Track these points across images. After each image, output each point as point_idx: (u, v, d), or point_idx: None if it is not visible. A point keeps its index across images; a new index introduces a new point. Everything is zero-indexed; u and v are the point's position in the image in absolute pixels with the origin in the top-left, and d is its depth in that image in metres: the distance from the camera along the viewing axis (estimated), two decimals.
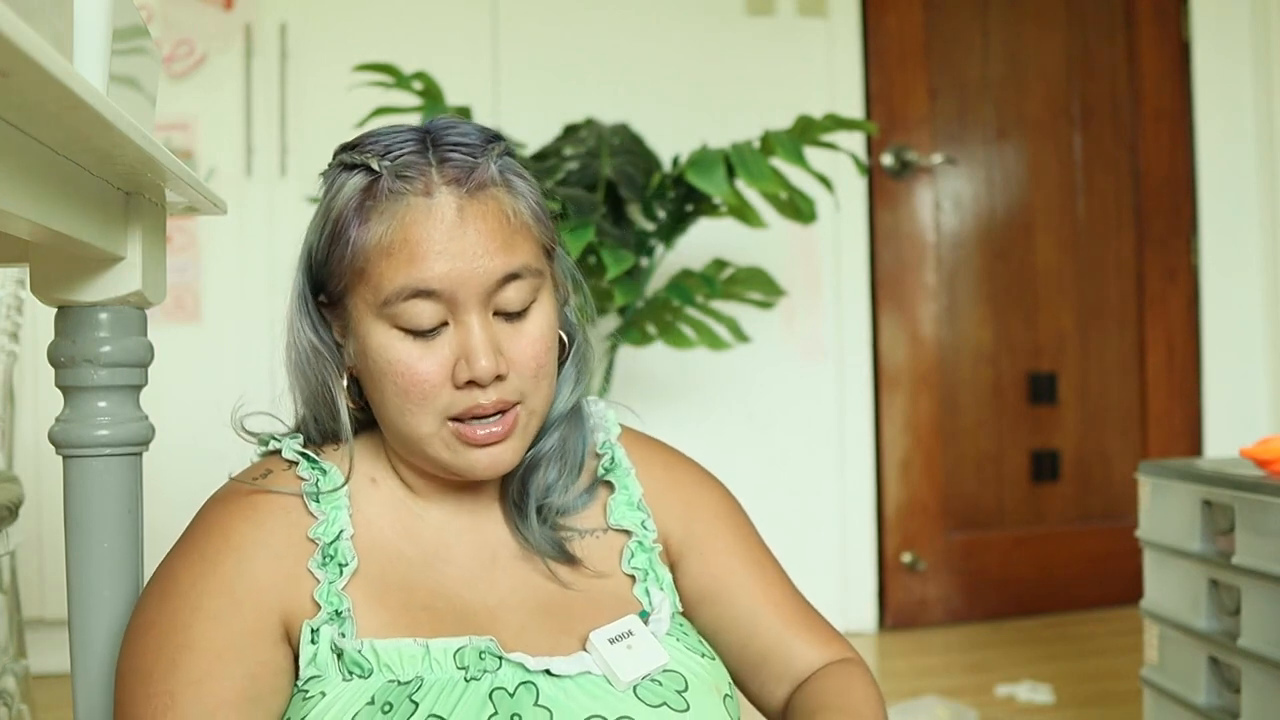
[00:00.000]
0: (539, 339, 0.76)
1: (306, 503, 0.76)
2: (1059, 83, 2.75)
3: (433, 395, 0.73)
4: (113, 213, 0.73)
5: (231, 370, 2.34)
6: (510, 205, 0.74)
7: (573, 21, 2.52)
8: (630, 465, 0.87)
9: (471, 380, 0.72)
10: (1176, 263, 2.81)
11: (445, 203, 0.72)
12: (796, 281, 2.56)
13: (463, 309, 0.73)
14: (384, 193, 0.72)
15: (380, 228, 0.72)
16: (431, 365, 0.73)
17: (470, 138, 0.75)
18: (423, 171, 0.72)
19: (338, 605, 0.72)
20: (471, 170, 0.73)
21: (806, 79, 2.60)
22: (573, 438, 0.85)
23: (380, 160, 0.73)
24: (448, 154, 0.73)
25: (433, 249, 0.71)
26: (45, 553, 2.17)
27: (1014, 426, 2.72)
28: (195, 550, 0.73)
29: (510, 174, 0.76)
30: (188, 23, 2.34)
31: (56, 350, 0.77)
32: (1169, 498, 1.48)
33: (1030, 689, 2.06)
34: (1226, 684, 1.38)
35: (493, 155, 0.75)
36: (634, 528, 0.84)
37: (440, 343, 0.73)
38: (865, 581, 2.62)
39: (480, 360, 0.72)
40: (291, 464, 0.79)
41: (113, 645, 0.77)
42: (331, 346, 0.78)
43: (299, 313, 0.78)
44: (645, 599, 0.82)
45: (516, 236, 0.74)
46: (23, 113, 0.51)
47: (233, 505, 0.75)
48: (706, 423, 2.52)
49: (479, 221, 0.72)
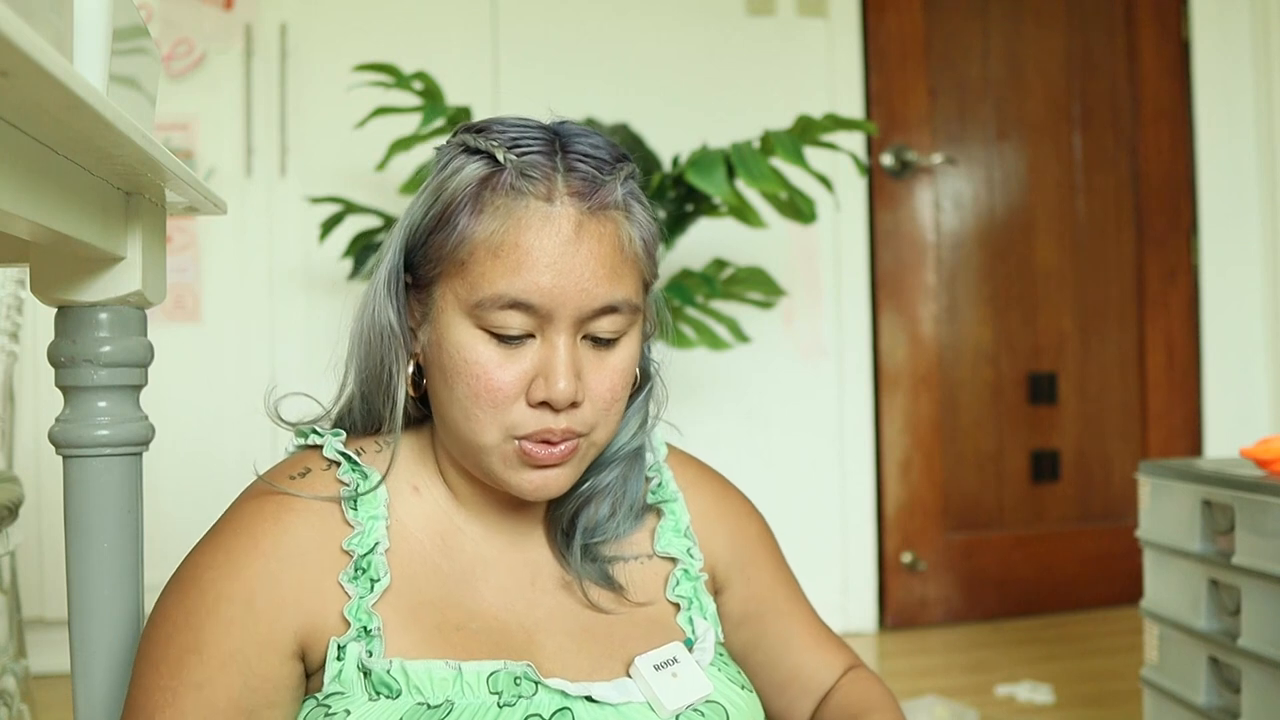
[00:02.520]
0: (620, 372, 0.73)
1: (344, 510, 0.73)
2: (1059, 83, 2.75)
3: (504, 405, 0.70)
4: (113, 213, 0.73)
5: (231, 370, 2.34)
6: (627, 232, 0.72)
7: (573, 21, 2.52)
8: (678, 490, 0.86)
9: (546, 401, 0.70)
10: (1176, 263, 2.81)
11: (565, 214, 0.69)
12: (796, 281, 2.56)
13: (554, 327, 0.70)
14: (505, 187, 0.69)
15: (494, 223, 0.69)
16: (510, 375, 0.70)
17: (600, 151, 0.72)
18: (548, 175, 0.69)
19: (366, 623, 0.70)
20: (598, 187, 0.70)
21: (806, 79, 2.60)
22: (633, 477, 0.82)
23: (506, 152, 0.70)
24: (576, 163, 0.70)
25: (542, 260, 0.68)
26: (45, 553, 2.17)
27: (1014, 426, 2.72)
28: (222, 549, 0.71)
29: (632, 199, 0.73)
30: (188, 22, 2.34)
31: (56, 350, 0.77)
32: (1169, 498, 1.48)
33: (1030, 689, 2.06)
34: (1226, 684, 1.38)
35: (620, 175, 0.72)
36: (680, 555, 0.82)
37: (523, 354, 0.70)
38: (865, 581, 2.62)
39: (560, 382, 0.69)
40: (332, 464, 0.76)
41: (113, 645, 0.77)
42: (406, 329, 0.75)
43: (385, 288, 0.74)
44: (689, 627, 0.80)
45: (625, 267, 0.71)
46: (23, 113, 0.51)
47: (266, 507, 0.72)
48: (707, 423, 2.52)
49: (594, 243, 0.69)
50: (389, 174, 2.14)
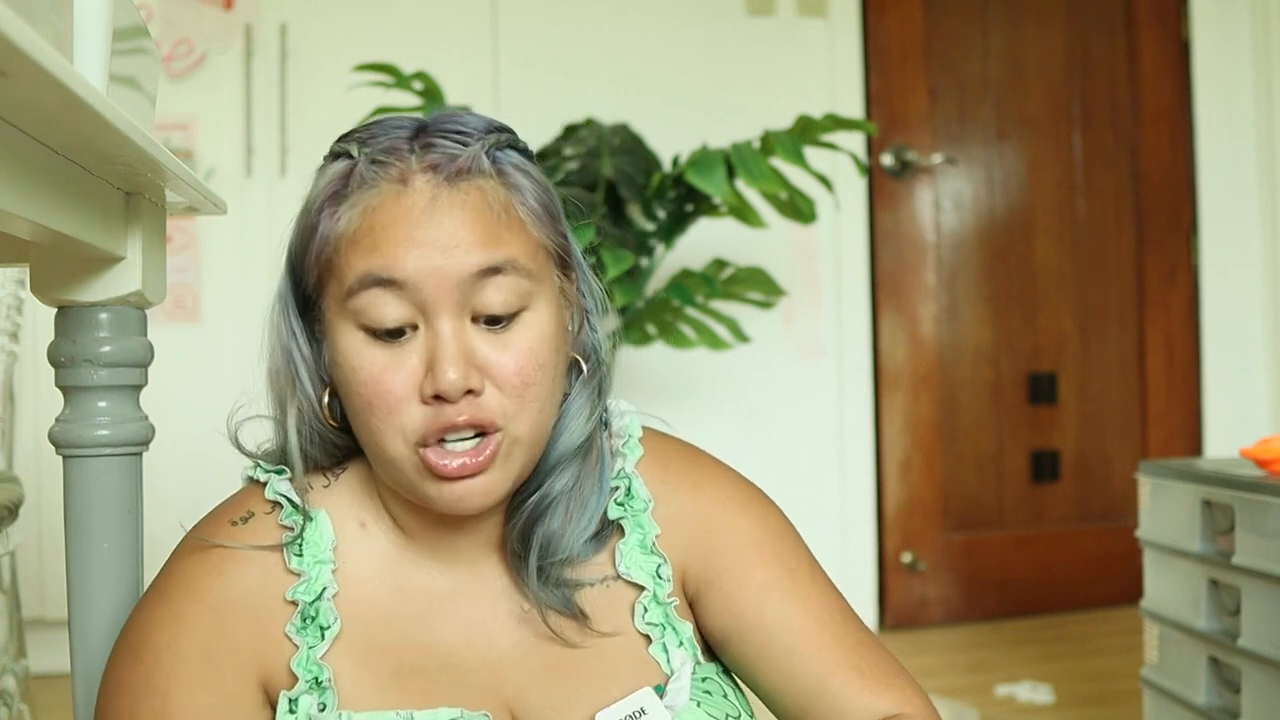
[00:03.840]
0: (526, 351, 0.65)
1: (287, 558, 0.69)
2: (1059, 83, 2.75)
3: (396, 409, 0.64)
4: (113, 213, 0.73)
5: (231, 370, 2.34)
6: (501, 197, 0.66)
7: (573, 21, 2.52)
8: (648, 499, 0.75)
9: (438, 395, 0.63)
10: (1176, 263, 2.81)
11: (419, 190, 0.64)
12: (796, 281, 2.56)
13: (433, 311, 0.64)
14: (357, 180, 0.65)
15: (350, 217, 0.65)
16: (398, 376, 0.64)
17: (465, 126, 0.67)
18: (401, 158, 0.65)
19: (317, 674, 0.66)
20: (454, 158, 0.65)
21: (806, 79, 2.60)
22: (588, 480, 0.73)
23: (361, 147, 0.67)
24: (434, 140, 0.66)
25: (398, 235, 0.63)
26: (45, 553, 2.17)
27: (1014, 426, 2.72)
28: (166, 607, 0.67)
29: (509, 166, 0.68)
30: (188, 22, 2.34)
31: (56, 350, 0.77)
32: (1169, 498, 1.48)
33: (1030, 689, 2.06)
34: (1226, 684, 1.38)
35: (486, 143, 0.67)
36: (646, 581, 0.73)
37: (409, 350, 0.64)
38: (865, 581, 2.62)
39: (448, 372, 0.62)
40: (275, 505, 0.71)
41: (112, 645, 0.77)
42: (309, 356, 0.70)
43: (279, 315, 0.71)
44: (663, 657, 0.72)
45: (503, 229, 0.65)
46: (23, 113, 0.51)
47: (209, 559, 0.68)
48: (706, 423, 2.52)
49: (456, 210, 0.64)
50: None
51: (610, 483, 0.75)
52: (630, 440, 0.77)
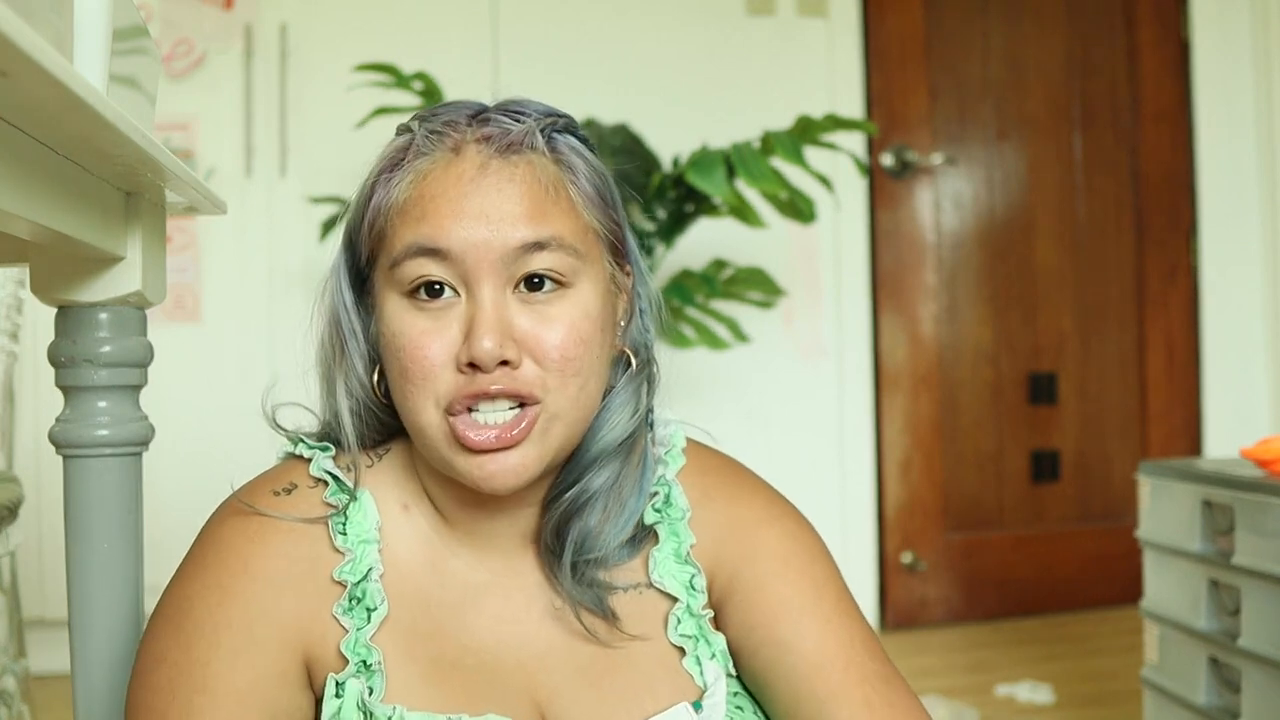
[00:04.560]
0: (568, 326, 0.65)
1: (332, 535, 0.68)
2: (1059, 83, 2.75)
3: (433, 377, 0.63)
4: (113, 213, 0.73)
5: (231, 370, 2.34)
6: (551, 174, 0.66)
7: (573, 21, 2.52)
8: (686, 508, 0.75)
9: (472, 362, 0.62)
10: (1176, 263, 2.81)
11: (469, 159, 0.65)
12: (796, 281, 2.56)
13: (476, 280, 0.63)
14: (413, 151, 0.67)
15: (403, 188, 0.65)
16: (436, 342, 0.64)
17: (526, 108, 0.68)
18: (457, 129, 0.66)
19: (366, 657, 0.65)
20: (508, 131, 0.66)
21: (806, 79, 2.60)
22: (629, 479, 0.71)
23: (422, 124, 0.68)
24: (490, 117, 0.67)
25: (445, 204, 0.64)
26: (45, 553, 2.17)
27: (1014, 426, 2.72)
28: (209, 575, 0.65)
29: (564, 146, 0.68)
30: (188, 22, 2.34)
31: (56, 350, 0.77)
32: (1169, 498, 1.48)
33: (1030, 689, 2.06)
34: (1226, 684, 1.38)
35: (543, 122, 0.67)
36: (680, 592, 0.72)
37: (450, 318, 0.64)
38: (865, 581, 2.62)
39: (483, 340, 0.62)
40: (319, 482, 0.70)
41: (113, 645, 0.77)
42: (360, 330, 0.70)
43: (333, 288, 0.71)
44: (696, 670, 0.71)
45: (552, 206, 0.65)
46: (23, 113, 0.51)
47: (249, 527, 0.67)
48: (706, 423, 2.52)
49: (506, 183, 0.64)
50: None
51: (650, 488, 0.74)
52: (673, 449, 0.77)
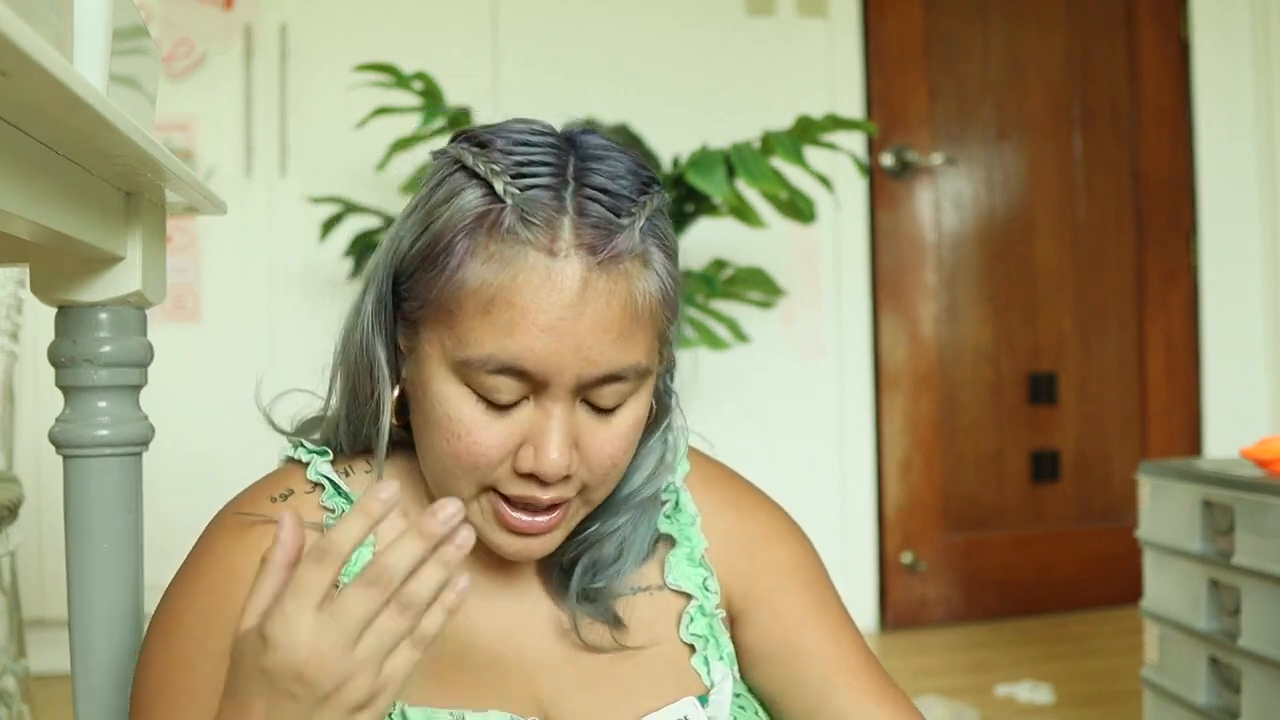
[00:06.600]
0: (625, 435, 0.65)
1: None
2: (1059, 83, 2.75)
3: (484, 468, 0.63)
4: (113, 213, 0.73)
5: (231, 370, 2.34)
6: (643, 286, 0.63)
7: (573, 21, 2.52)
8: (695, 513, 0.77)
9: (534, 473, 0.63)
10: (1176, 263, 2.81)
11: (570, 271, 0.60)
12: (796, 281, 2.56)
13: (549, 393, 0.62)
14: (502, 231, 0.60)
15: (486, 273, 0.60)
16: (495, 438, 0.63)
17: (620, 183, 0.63)
18: (552, 220, 0.60)
19: None
20: (611, 235, 0.61)
21: (806, 79, 2.60)
22: (644, 525, 0.73)
23: (508, 184, 0.61)
24: (588, 202, 0.61)
25: (539, 322, 0.60)
26: (45, 553, 2.17)
27: (1014, 426, 2.72)
28: (200, 581, 0.66)
29: (652, 241, 0.64)
30: (188, 23, 2.34)
31: (56, 350, 0.77)
32: (1169, 498, 1.48)
33: (1030, 689, 2.06)
34: (1226, 684, 1.38)
35: (641, 215, 0.63)
36: (694, 590, 0.74)
37: (513, 419, 0.63)
38: (865, 581, 2.62)
39: (551, 453, 0.62)
40: (316, 486, 0.70)
41: (113, 645, 0.77)
42: (392, 356, 0.68)
43: (372, 315, 0.68)
44: (704, 670, 0.72)
45: (637, 328, 0.63)
46: (23, 113, 0.51)
47: (248, 537, 0.67)
48: (706, 423, 2.51)
49: (602, 304, 0.61)
50: (389, 174, 2.14)
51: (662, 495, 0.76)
52: (679, 455, 0.78)
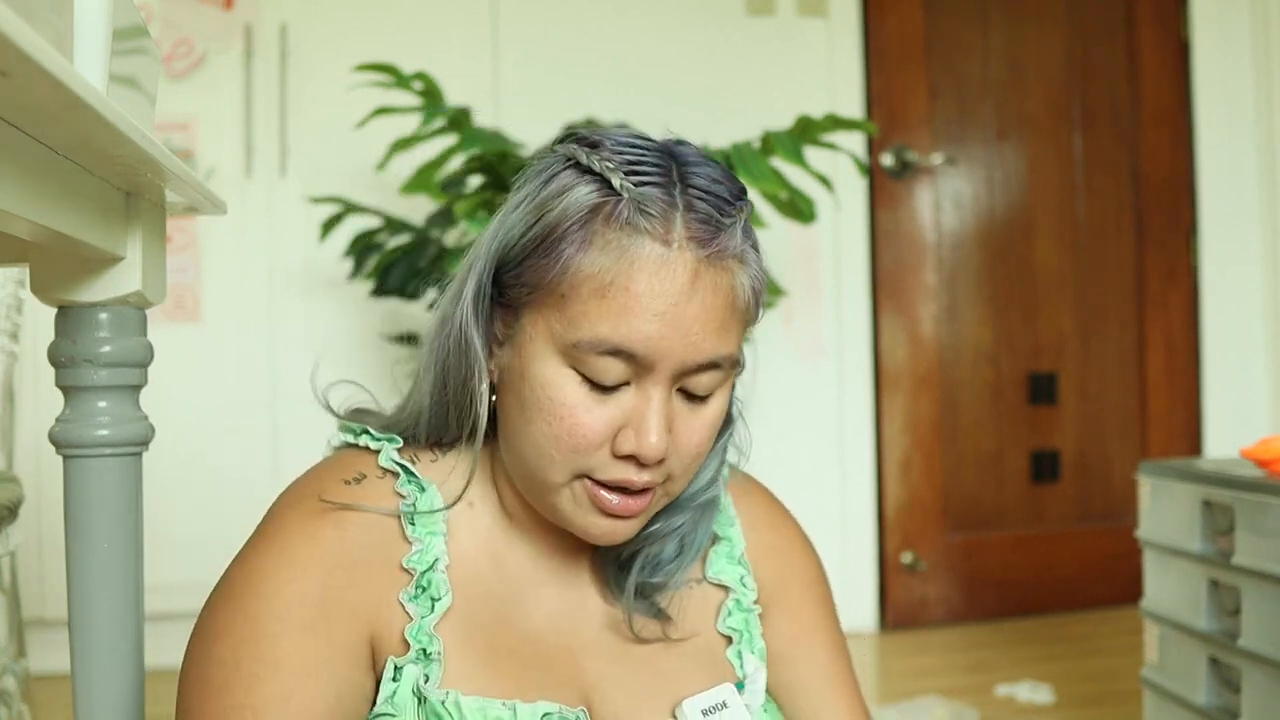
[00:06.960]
0: (711, 426, 0.69)
1: (403, 525, 0.69)
2: (1059, 83, 2.75)
3: (584, 451, 0.65)
4: (113, 213, 0.73)
5: (231, 370, 2.34)
6: (741, 282, 0.67)
7: (573, 21, 2.52)
8: (735, 515, 0.82)
9: (632, 455, 0.65)
10: (1176, 263, 2.81)
11: (682, 260, 0.63)
12: (796, 281, 2.56)
13: (651, 378, 0.65)
14: (619, 221, 0.63)
15: (603, 260, 0.63)
16: (598, 422, 0.65)
17: (720, 187, 0.66)
18: (666, 212, 0.64)
19: (427, 645, 0.66)
20: (718, 232, 0.65)
21: (806, 79, 2.60)
22: (703, 524, 0.77)
23: (623, 179, 0.64)
24: (696, 200, 0.64)
25: (653, 307, 0.63)
26: (45, 553, 2.17)
27: (1014, 426, 2.72)
28: (278, 551, 0.66)
29: (748, 243, 0.68)
30: (188, 23, 2.34)
31: (56, 350, 0.77)
32: (1169, 498, 1.48)
33: (1030, 689, 2.06)
34: (1226, 684, 1.38)
35: (741, 217, 0.67)
36: (734, 584, 0.78)
37: (615, 402, 0.66)
38: (865, 581, 2.62)
39: (652, 437, 0.64)
40: (387, 473, 0.72)
41: (113, 645, 0.77)
42: (487, 347, 0.70)
43: (471, 302, 0.69)
44: (738, 661, 0.76)
45: (734, 320, 0.67)
46: (23, 113, 0.51)
47: (322, 514, 0.68)
48: None
49: (709, 294, 0.64)
50: (389, 174, 2.14)
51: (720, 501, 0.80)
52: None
